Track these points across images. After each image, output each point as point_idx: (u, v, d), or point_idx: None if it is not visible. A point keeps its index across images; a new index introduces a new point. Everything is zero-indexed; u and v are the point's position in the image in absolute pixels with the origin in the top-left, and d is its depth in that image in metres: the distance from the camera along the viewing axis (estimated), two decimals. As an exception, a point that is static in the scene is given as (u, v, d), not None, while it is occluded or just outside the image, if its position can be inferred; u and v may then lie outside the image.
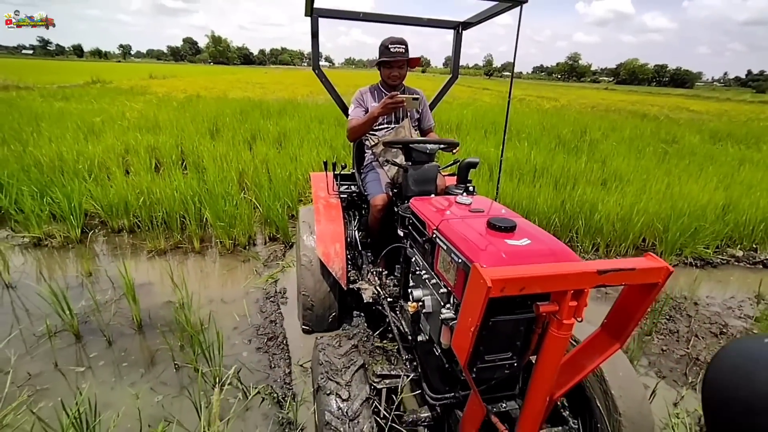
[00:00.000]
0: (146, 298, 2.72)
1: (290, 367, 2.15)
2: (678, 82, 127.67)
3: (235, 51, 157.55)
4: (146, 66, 56.00)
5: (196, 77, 27.35)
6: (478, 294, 0.89)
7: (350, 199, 2.65)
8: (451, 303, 1.30)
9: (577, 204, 3.91)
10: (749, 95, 58.80)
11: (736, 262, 3.71)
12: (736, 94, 61.70)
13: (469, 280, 0.93)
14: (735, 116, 17.25)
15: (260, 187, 4.10)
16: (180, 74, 30.63)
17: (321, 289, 2.30)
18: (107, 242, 3.57)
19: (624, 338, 1.11)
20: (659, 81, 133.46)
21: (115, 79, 20.64)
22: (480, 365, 1.26)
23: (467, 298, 0.95)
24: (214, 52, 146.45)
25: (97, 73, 21.72)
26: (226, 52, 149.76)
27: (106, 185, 3.98)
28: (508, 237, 1.22)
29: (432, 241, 1.42)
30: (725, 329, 2.67)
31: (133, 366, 2.11)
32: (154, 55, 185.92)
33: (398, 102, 2.04)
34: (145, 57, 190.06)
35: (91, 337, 2.30)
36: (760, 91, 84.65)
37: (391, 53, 2.22)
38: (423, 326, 1.55)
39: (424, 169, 1.98)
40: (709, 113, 18.56)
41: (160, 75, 27.39)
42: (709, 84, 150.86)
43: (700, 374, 2.24)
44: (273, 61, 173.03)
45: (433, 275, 1.43)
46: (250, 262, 3.31)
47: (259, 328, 2.47)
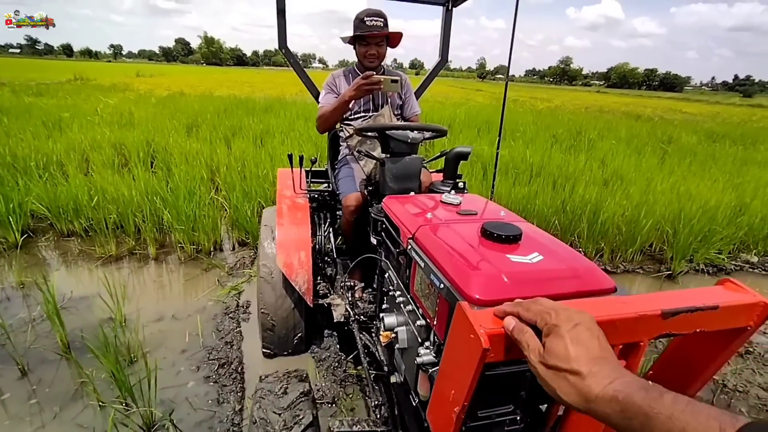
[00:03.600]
0: (84, 314, 2.32)
1: (242, 402, 1.77)
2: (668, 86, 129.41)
3: (228, 52, 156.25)
4: (136, 66, 55.12)
5: (184, 76, 26.76)
6: (468, 353, 0.52)
7: (321, 199, 2.28)
8: (431, 342, 0.94)
9: (579, 205, 3.58)
10: (737, 99, 59.78)
11: (751, 269, 3.40)
12: (725, 97, 62.59)
13: (453, 327, 0.57)
14: (728, 118, 17.23)
15: (230, 186, 3.71)
16: (168, 73, 29.98)
17: (283, 305, 1.92)
18: (53, 248, 3.15)
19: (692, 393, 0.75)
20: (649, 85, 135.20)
21: (100, 77, 20.00)
22: (471, 424, 0.90)
23: (450, 355, 0.59)
24: (207, 53, 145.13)
25: (80, 71, 21.08)
26: (219, 53, 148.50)
27: (59, 184, 3.56)
28: (511, 250, 0.87)
29: (407, 253, 1.06)
30: (750, 347, 2.35)
31: (46, 403, 1.71)
32: (146, 56, 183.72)
33: (373, 83, 1.68)
34: (137, 57, 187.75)
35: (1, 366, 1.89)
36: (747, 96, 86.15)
37: (368, 26, 1.88)
38: (397, 364, 1.19)
39: (404, 161, 1.63)
40: (702, 115, 18.54)
41: (147, 74, 26.74)
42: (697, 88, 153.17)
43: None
44: (266, 63, 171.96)
45: (409, 300, 1.07)
46: (214, 270, 2.91)
47: (212, 351, 2.08)
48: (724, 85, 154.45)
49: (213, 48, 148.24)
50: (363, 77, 1.69)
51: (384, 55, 2.01)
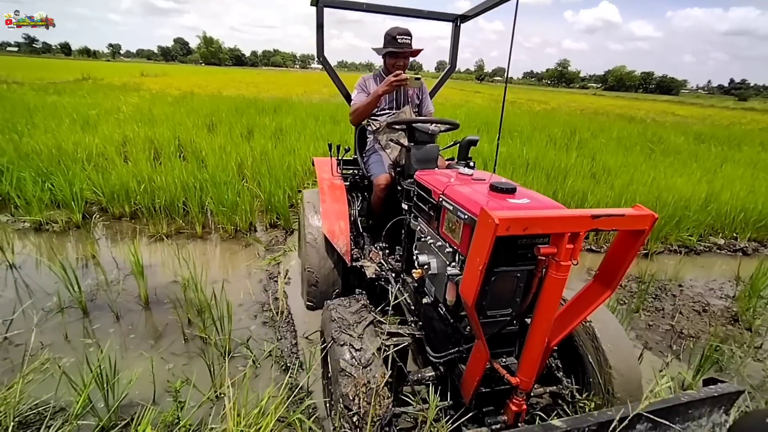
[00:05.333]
0: (151, 278, 2.76)
1: (296, 339, 2.23)
2: (664, 89, 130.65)
3: (227, 52, 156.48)
4: (136, 65, 55.35)
5: (188, 76, 27.18)
6: (486, 234, 0.99)
7: (352, 182, 2.75)
8: (456, 260, 1.41)
9: (569, 194, 4.06)
10: (731, 102, 60.57)
11: (718, 250, 3.90)
12: (720, 101, 63.44)
13: (478, 222, 1.03)
14: (718, 120, 17.81)
15: (261, 176, 4.17)
16: (172, 73, 30.39)
17: (325, 265, 2.38)
18: (108, 227, 3.60)
19: (614, 285, 1.22)
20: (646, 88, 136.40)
21: (106, 76, 20.42)
22: (482, 320, 1.36)
23: (475, 242, 1.06)
24: (206, 53, 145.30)
25: (87, 70, 21.46)
26: (218, 53, 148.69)
27: (107, 172, 4.01)
28: (510, 197, 1.33)
29: (438, 206, 1.52)
30: (707, 307, 2.83)
31: (142, 338, 2.17)
32: (144, 55, 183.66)
33: (402, 80, 2.12)
34: (135, 57, 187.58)
35: (99, 313, 2.34)
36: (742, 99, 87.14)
37: (399, 44, 2.30)
38: (428, 288, 1.65)
39: (426, 148, 2.09)
40: (693, 117, 19.12)
41: (152, 73, 27.14)
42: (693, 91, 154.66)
43: (683, 345, 2.38)
44: (265, 63, 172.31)
45: (439, 238, 1.53)
46: (252, 246, 3.37)
47: (264, 305, 2.54)
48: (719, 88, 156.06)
49: (212, 48, 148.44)
50: (393, 75, 2.13)
51: (408, 65, 2.45)
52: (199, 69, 64.14)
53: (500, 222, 0.95)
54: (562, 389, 1.63)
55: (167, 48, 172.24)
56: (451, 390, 1.61)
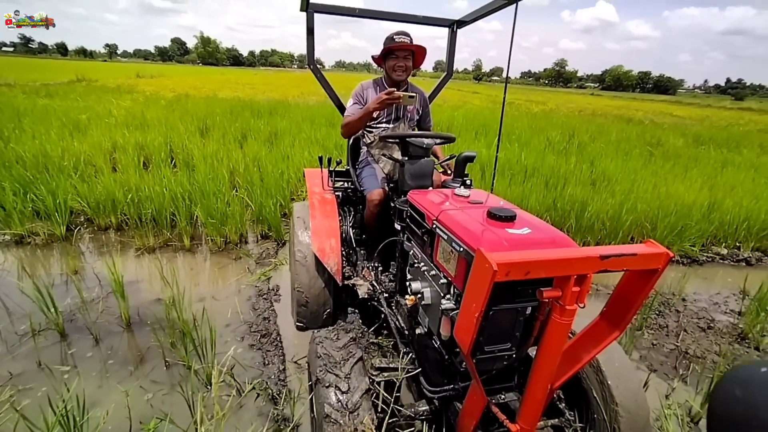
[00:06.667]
0: (135, 295, 2.65)
1: (284, 364, 2.12)
2: (661, 88, 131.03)
3: (225, 52, 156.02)
4: (133, 65, 55.04)
5: (184, 77, 26.98)
6: (483, 278, 0.88)
7: (344, 196, 2.63)
8: (451, 294, 1.30)
9: (568, 203, 3.96)
10: (728, 102, 60.80)
11: (721, 260, 3.81)
12: (717, 101, 63.64)
13: (474, 265, 0.92)
14: (716, 121, 17.78)
15: (252, 185, 4.05)
16: (168, 74, 30.18)
17: (316, 285, 2.27)
18: (93, 240, 3.47)
19: (623, 326, 1.12)
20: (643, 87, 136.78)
21: (101, 77, 20.23)
22: (480, 356, 1.25)
23: (471, 284, 0.95)
24: (203, 52, 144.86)
25: (82, 71, 21.27)
26: (215, 53, 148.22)
27: (93, 182, 3.89)
28: (509, 226, 1.23)
29: (432, 232, 1.42)
30: (712, 324, 2.73)
31: (121, 364, 2.05)
32: (141, 55, 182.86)
33: (394, 98, 2.02)
34: (132, 57, 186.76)
35: (77, 336, 2.22)
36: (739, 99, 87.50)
37: (396, 42, 2.19)
38: (421, 319, 1.55)
39: (420, 163, 1.98)
40: (691, 118, 19.10)
41: (147, 74, 26.95)
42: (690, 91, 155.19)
43: (690, 367, 2.28)
44: (263, 63, 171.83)
45: (433, 266, 1.43)
46: (242, 259, 3.26)
47: (252, 325, 2.43)
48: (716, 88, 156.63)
49: (209, 48, 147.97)
50: (386, 93, 2.03)
51: (410, 69, 2.27)
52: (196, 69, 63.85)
53: (499, 267, 0.84)
54: (565, 424, 1.53)
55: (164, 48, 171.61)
56: (446, 427, 1.51)
